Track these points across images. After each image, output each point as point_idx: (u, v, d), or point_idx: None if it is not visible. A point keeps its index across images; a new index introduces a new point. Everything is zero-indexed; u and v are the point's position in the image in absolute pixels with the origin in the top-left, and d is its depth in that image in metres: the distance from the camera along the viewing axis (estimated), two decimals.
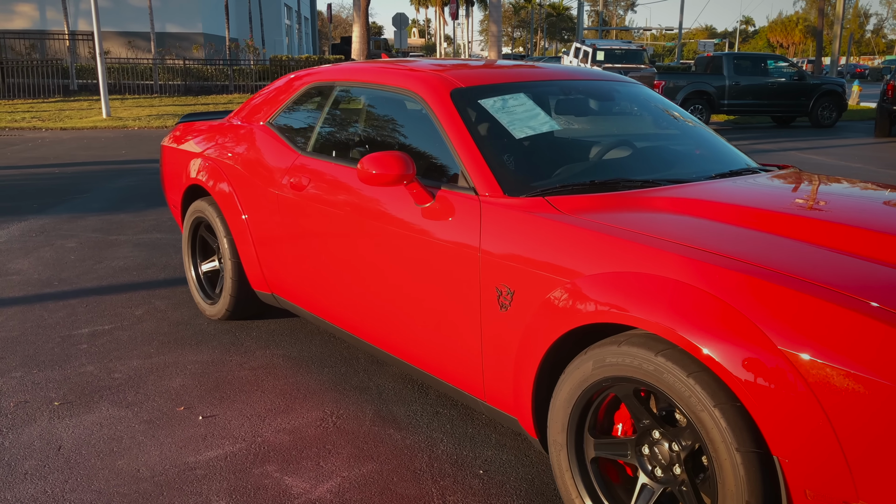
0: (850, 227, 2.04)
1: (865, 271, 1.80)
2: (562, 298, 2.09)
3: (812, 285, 1.71)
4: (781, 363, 1.64)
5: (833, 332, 1.60)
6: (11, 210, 6.96)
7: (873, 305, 1.63)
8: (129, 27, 25.69)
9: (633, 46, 19.89)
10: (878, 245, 1.95)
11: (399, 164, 2.50)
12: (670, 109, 3.30)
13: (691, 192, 2.39)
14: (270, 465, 2.58)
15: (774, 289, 1.72)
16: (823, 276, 1.76)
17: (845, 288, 1.70)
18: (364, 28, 19.19)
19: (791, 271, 1.78)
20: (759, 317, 1.70)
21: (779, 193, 2.47)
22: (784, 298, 1.69)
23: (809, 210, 2.22)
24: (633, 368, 1.92)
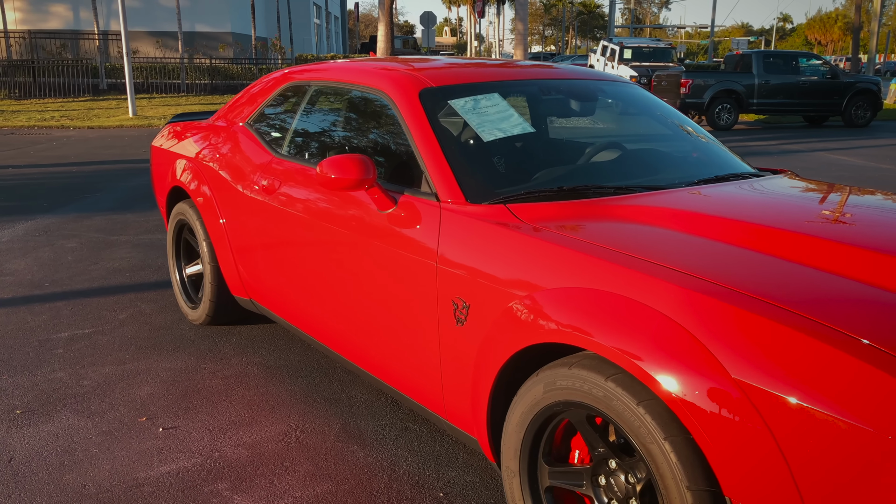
0: (826, 241, 1.85)
1: (835, 292, 1.62)
2: (515, 314, 1.94)
3: (775, 308, 1.54)
4: (735, 394, 1.47)
5: (794, 362, 1.43)
6: (21, 209, 6.99)
7: (841, 333, 1.45)
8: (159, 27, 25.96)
9: (662, 44, 19.51)
10: (855, 261, 1.76)
11: (358, 169, 2.37)
12: (661, 111, 3.12)
13: (664, 200, 2.22)
14: (222, 482, 2.46)
15: (732, 311, 1.55)
16: (789, 297, 1.59)
17: (812, 312, 1.53)
18: (388, 27, 19.12)
19: (753, 291, 1.61)
20: (713, 342, 1.53)
21: (758, 202, 2.28)
22: (742, 323, 1.52)
23: (785, 221, 2.03)
24: (583, 393, 1.76)
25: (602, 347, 1.69)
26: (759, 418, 1.44)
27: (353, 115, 2.96)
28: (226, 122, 3.70)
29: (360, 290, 2.56)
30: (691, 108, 14.80)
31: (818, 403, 1.38)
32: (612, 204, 2.20)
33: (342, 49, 44.82)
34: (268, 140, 3.31)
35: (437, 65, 2.92)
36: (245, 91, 3.78)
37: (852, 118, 15.41)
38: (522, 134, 2.61)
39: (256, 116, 3.48)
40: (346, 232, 2.59)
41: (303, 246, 2.85)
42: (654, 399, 1.62)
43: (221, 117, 3.79)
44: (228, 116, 3.72)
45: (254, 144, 3.35)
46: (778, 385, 1.42)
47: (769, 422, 1.43)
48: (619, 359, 1.65)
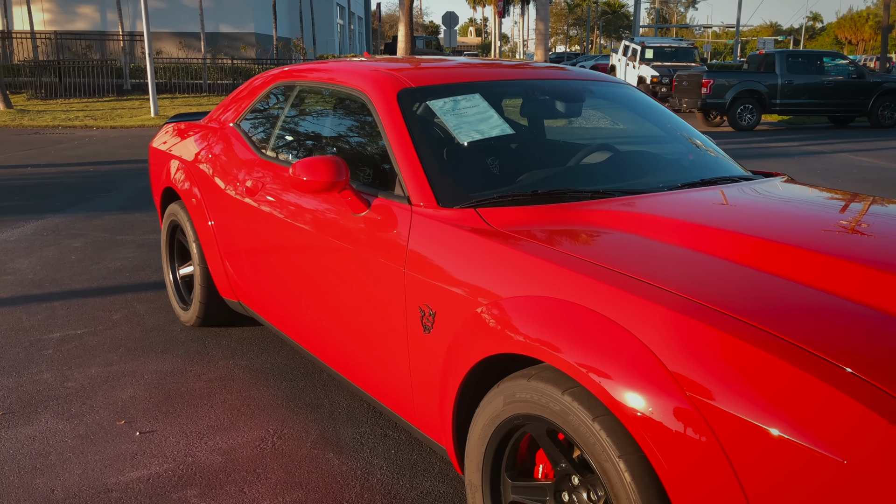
0: (802, 250, 1.76)
1: (803, 305, 1.54)
2: (477, 323, 1.87)
3: (738, 324, 1.45)
4: (691, 414, 1.39)
5: (752, 382, 1.35)
6: (34, 208, 7.04)
7: (802, 351, 1.37)
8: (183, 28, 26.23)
9: (684, 44, 19.26)
10: (831, 272, 1.67)
11: (329, 171, 2.31)
12: (653, 112, 3.02)
13: (641, 205, 2.13)
14: (192, 489, 2.42)
15: (692, 326, 1.46)
16: (754, 312, 1.50)
17: (775, 327, 1.44)
18: (408, 27, 19.11)
19: (717, 304, 1.53)
20: (670, 358, 1.45)
21: (739, 207, 2.19)
22: (701, 339, 1.44)
23: (763, 228, 1.94)
24: (541, 407, 1.69)
25: (557, 359, 1.62)
26: (715, 440, 1.36)
27: (334, 116, 2.91)
28: (217, 122, 3.68)
29: (336, 294, 2.51)
30: (713, 108, 14.59)
31: (776, 426, 1.29)
32: (585, 209, 2.12)
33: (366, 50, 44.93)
34: (254, 141, 3.27)
35: (421, 65, 2.85)
36: (237, 91, 3.75)
37: (879, 119, 15.08)
38: (502, 136, 2.53)
39: (244, 117, 3.45)
40: (322, 235, 2.54)
41: (283, 249, 2.80)
42: (610, 415, 1.54)
43: (214, 118, 3.77)
44: (220, 117, 3.70)
45: (241, 145, 3.32)
46: (735, 406, 1.34)
47: (725, 445, 1.35)
48: (574, 372, 1.58)
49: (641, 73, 18.20)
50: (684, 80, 15.30)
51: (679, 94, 15.54)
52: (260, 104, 3.39)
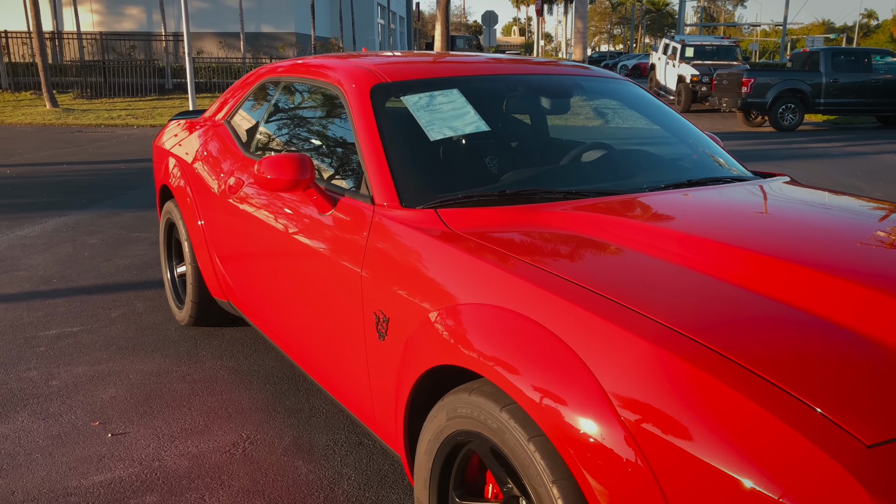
0: (776, 260, 1.60)
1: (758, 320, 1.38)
2: (424, 332, 1.76)
3: (684, 343, 1.31)
4: (622, 435, 1.26)
5: (691, 407, 1.21)
6: (59, 205, 7.14)
7: (749, 374, 1.22)
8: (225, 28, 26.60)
9: (726, 42, 18.75)
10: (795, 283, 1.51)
11: (293, 169, 2.22)
12: (651, 109, 2.86)
13: (613, 208, 1.99)
14: (152, 495, 2.35)
15: (635, 346, 1.33)
16: (705, 329, 1.35)
17: (725, 347, 1.29)
18: (444, 26, 19.03)
19: (668, 320, 1.38)
20: (608, 377, 1.32)
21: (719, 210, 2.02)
22: (643, 360, 1.30)
23: (739, 235, 1.78)
24: (480, 423, 1.56)
25: (494, 374, 1.49)
26: (650, 471, 1.22)
27: (313, 112, 2.82)
28: (211, 120, 3.63)
29: (306, 297, 2.42)
30: (753, 107, 14.16)
31: (712, 457, 1.15)
32: (553, 211, 1.98)
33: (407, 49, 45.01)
34: (240, 138, 3.21)
35: (404, 60, 2.75)
36: (231, 87, 3.69)
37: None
38: (479, 133, 2.41)
39: (233, 114, 3.39)
40: (292, 235, 2.45)
41: (261, 249, 2.72)
42: (545, 437, 1.42)
43: (208, 115, 3.72)
44: (213, 114, 3.65)
45: (228, 143, 3.26)
46: (672, 434, 1.21)
47: (659, 476, 1.21)
48: (511, 388, 1.45)
49: (681, 71, 17.77)
50: (724, 79, 14.88)
51: (719, 94, 15.13)
52: (247, 101, 3.33)
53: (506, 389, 1.46)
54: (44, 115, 17.31)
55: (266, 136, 3.00)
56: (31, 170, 9.37)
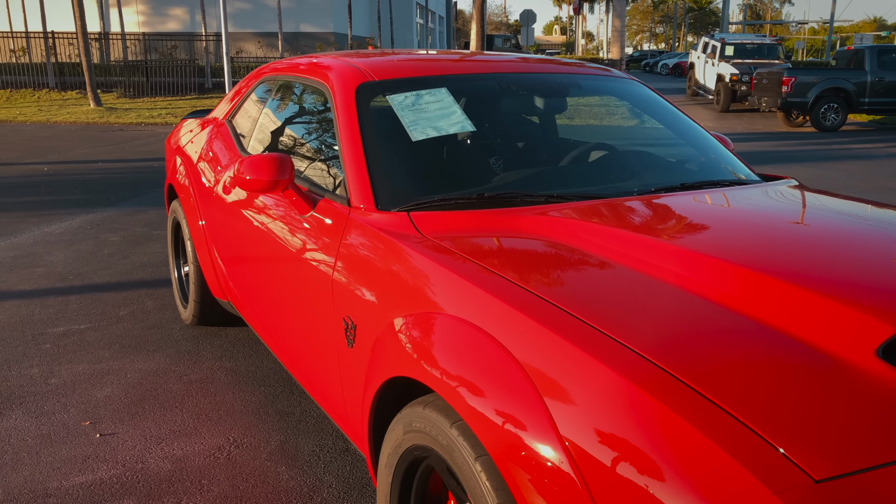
0: (756, 274, 1.49)
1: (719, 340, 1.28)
2: (385, 341, 1.69)
3: (639, 366, 1.21)
4: (565, 461, 1.17)
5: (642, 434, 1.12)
6: (88, 202, 7.25)
7: (703, 402, 1.12)
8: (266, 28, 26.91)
9: (768, 41, 18.26)
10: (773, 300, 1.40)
11: (271, 169, 2.18)
12: (653, 107, 2.75)
13: (593, 214, 1.89)
14: (129, 499, 2.33)
15: (584, 364, 1.24)
16: (663, 351, 1.26)
17: (679, 369, 1.19)
18: (480, 25, 18.94)
19: (629, 340, 1.28)
20: (552, 395, 1.24)
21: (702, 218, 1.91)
22: (591, 382, 1.21)
23: (721, 246, 1.67)
24: (432, 439, 1.49)
25: (443, 387, 1.42)
26: (589, 497, 1.14)
27: (304, 112, 2.77)
28: (214, 119, 3.61)
29: (288, 298, 2.37)
30: (794, 107, 13.76)
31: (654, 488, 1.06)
32: (527, 216, 1.89)
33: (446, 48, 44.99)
34: (238, 138, 3.18)
35: (395, 58, 2.68)
36: (236, 86, 3.67)
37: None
38: (466, 134, 2.33)
39: (234, 113, 3.37)
40: (276, 236, 2.41)
41: (251, 250, 2.69)
42: (489, 457, 1.34)
43: (214, 115, 3.71)
44: (217, 113, 3.63)
45: (228, 142, 3.23)
46: (616, 461, 1.12)
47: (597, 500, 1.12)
48: (459, 404, 1.38)
49: (720, 70, 17.36)
50: (764, 78, 14.50)
51: (758, 93, 14.75)
52: (247, 100, 3.30)
53: (454, 406, 1.39)
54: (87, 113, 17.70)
55: (260, 136, 2.97)
56: (67, 167, 9.56)
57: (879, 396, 1.14)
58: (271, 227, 2.45)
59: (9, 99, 20.07)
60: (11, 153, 10.82)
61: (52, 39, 21.80)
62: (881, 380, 1.17)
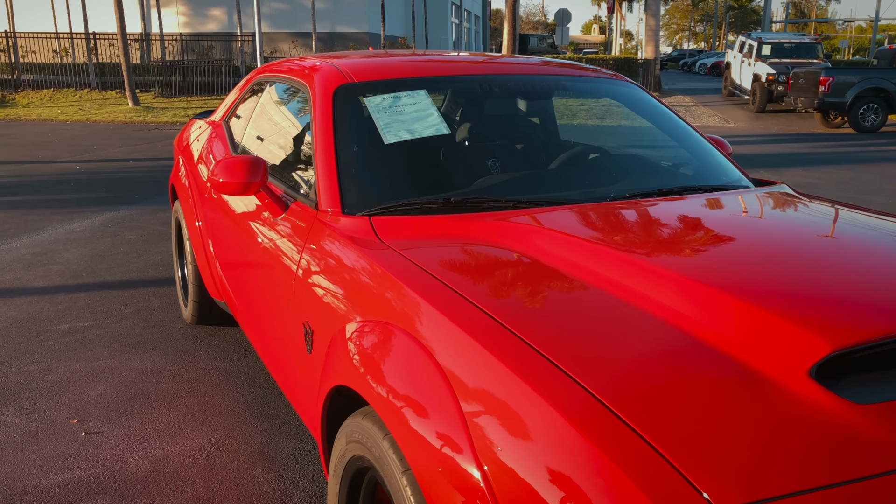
0: (707, 288, 1.42)
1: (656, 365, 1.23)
2: (333, 349, 1.66)
3: (569, 394, 1.15)
4: (481, 483, 1.13)
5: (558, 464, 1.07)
6: (113, 200, 7.38)
7: (626, 432, 1.07)
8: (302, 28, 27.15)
9: (806, 39, 17.82)
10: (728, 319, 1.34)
11: (244, 172, 2.17)
12: (643, 109, 2.67)
13: (557, 220, 1.84)
14: (103, 498, 2.34)
15: (510, 386, 1.18)
16: (592, 370, 1.21)
17: (605, 394, 1.14)
18: (512, 25, 18.85)
19: (559, 358, 1.22)
20: (474, 413, 1.19)
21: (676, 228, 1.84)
22: (516, 403, 1.16)
23: (680, 258, 1.60)
24: (368, 450, 1.46)
25: (375, 398, 1.39)
26: None
27: (288, 113, 2.76)
28: (213, 119, 3.63)
29: (263, 301, 2.36)
30: (831, 108, 13.41)
31: None
32: (489, 221, 1.85)
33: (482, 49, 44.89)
34: (232, 139, 3.19)
35: (380, 59, 2.65)
36: (236, 87, 3.68)
37: None
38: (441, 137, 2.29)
39: (230, 114, 3.38)
40: (256, 239, 2.40)
41: (237, 251, 2.69)
42: (412, 472, 1.30)
43: (214, 115, 3.73)
44: (217, 114, 3.65)
45: (222, 143, 3.24)
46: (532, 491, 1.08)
47: None
48: (386, 416, 1.34)
49: (757, 70, 16.99)
50: (801, 78, 14.15)
51: (794, 93, 14.40)
52: (241, 101, 3.31)
53: (384, 418, 1.36)
54: (125, 112, 18.07)
55: (249, 137, 2.97)
56: (99, 165, 9.74)
57: (804, 420, 1.08)
58: (251, 230, 2.45)
59: (51, 98, 20.56)
60: (48, 151, 11.08)
61: (94, 40, 22.28)
62: (809, 402, 1.11)
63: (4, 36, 21.56)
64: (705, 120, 16.12)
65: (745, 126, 15.10)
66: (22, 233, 5.96)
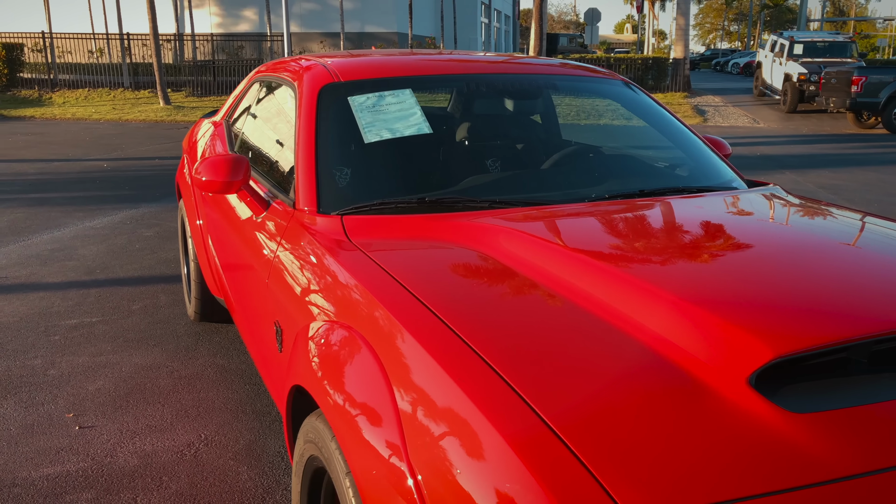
0: (641, 285, 1.39)
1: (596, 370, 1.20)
2: (296, 349, 1.66)
3: (510, 413, 1.11)
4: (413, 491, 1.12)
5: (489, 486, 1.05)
6: (134, 198, 7.50)
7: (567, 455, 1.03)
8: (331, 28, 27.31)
9: (840, 38, 17.44)
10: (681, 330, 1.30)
11: (226, 171, 2.18)
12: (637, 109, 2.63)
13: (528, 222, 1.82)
14: (89, 492, 2.38)
15: (450, 392, 1.17)
16: (536, 384, 1.18)
17: (541, 405, 1.11)
18: (539, 25, 18.75)
19: (506, 371, 1.19)
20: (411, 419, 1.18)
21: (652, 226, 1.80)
22: (452, 410, 1.14)
23: (634, 257, 1.57)
24: (319, 451, 1.46)
25: (323, 400, 1.38)
26: None
27: (279, 112, 2.77)
28: (217, 118, 3.67)
29: (245, 299, 2.38)
30: (864, 108, 13.11)
31: None
32: (459, 222, 1.83)
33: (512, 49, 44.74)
34: (230, 138, 3.21)
35: (370, 58, 2.65)
36: (238, 86, 3.71)
37: None
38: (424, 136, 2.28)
39: (230, 113, 3.40)
40: (242, 237, 2.41)
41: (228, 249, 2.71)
42: (352, 475, 1.29)
43: (217, 114, 3.76)
44: (220, 113, 3.68)
45: (221, 142, 3.27)
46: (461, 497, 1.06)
47: None
48: (332, 418, 1.34)
49: (788, 69, 16.68)
50: (833, 78, 13.86)
51: (826, 93, 14.11)
52: (240, 100, 3.33)
53: (329, 420, 1.35)
54: (157, 112, 18.35)
55: (244, 136, 2.99)
56: (126, 164, 9.91)
57: (736, 430, 1.04)
58: (238, 228, 2.46)
59: (86, 97, 20.94)
60: (79, 150, 11.29)
61: (128, 41, 22.66)
62: (743, 411, 1.07)
63: (41, 37, 22.04)
64: (734, 120, 15.87)
65: (774, 126, 14.84)
66: (43, 229, 6.07)
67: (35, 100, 19.97)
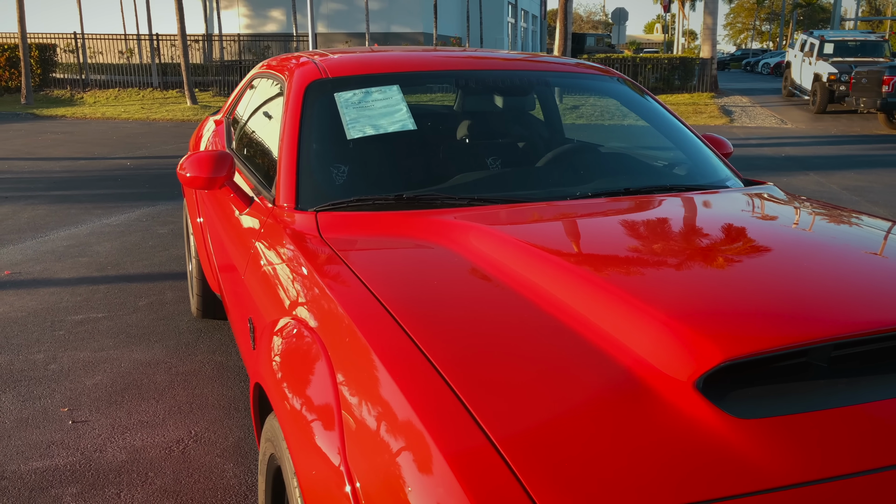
0: (603, 286, 1.34)
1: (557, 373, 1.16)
2: (260, 346, 1.64)
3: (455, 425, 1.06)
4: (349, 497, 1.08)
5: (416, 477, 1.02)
6: (153, 196, 7.57)
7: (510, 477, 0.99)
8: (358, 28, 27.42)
9: (872, 37, 17.07)
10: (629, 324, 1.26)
11: (209, 167, 2.18)
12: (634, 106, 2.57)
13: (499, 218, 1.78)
14: (73, 486, 2.39)
15: (396, 401, 1.13)
16: (485, 393, 1.14)
17: (488, 420, 1.07)
18: (563, 24, 18.64)
19: (454, 374, 1.15)
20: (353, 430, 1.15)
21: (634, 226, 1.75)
22: (396, 421, 1.11)
23: (603, 256, 1.52)
24: (275, 449, 1.43)
25: (275, 399, 1.36)
26: None
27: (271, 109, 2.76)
28: (219, 117, 3.68)
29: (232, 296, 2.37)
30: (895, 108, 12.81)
31: None
32: (432, 219, 1.80)
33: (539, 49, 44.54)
34: (229, 135, 3.21)
35: (358, 55, 2.62)
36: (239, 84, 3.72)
37: None
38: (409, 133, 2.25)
39: (230, 111, 3.41)
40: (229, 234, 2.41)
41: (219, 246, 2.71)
42: (297, 477, 1.27)
43: (219, 112, 3.77)
44: (222, 111, 3.69)
45: (221, 139, 3.28)
46: None
47: None
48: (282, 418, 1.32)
49: (818, 69, 16.36)
50: (863, 78, 13.56)
51: (856, 93, 13.81)
52: (240, 97, 3.33)
53: (280, 421, 1.33)
54: (183, 111, 18.56)
55: (240, 133, 2.98)
56: (148, 162, 10.02)
57: (679, 435, 1.00)
58: (226, 225, 2.46)
59: (116, 97, 21.26)
60: (105, 148, 11.45)
61: (157, 42, 22.97)
62: (688, 415, 1.03)
63: (73, 37, 22.42)
64: (761, 121, 15.61)
65: (802, 127, 14.57)
66: (61, 226, 6.16)
67: (67, 99, 20.32)
